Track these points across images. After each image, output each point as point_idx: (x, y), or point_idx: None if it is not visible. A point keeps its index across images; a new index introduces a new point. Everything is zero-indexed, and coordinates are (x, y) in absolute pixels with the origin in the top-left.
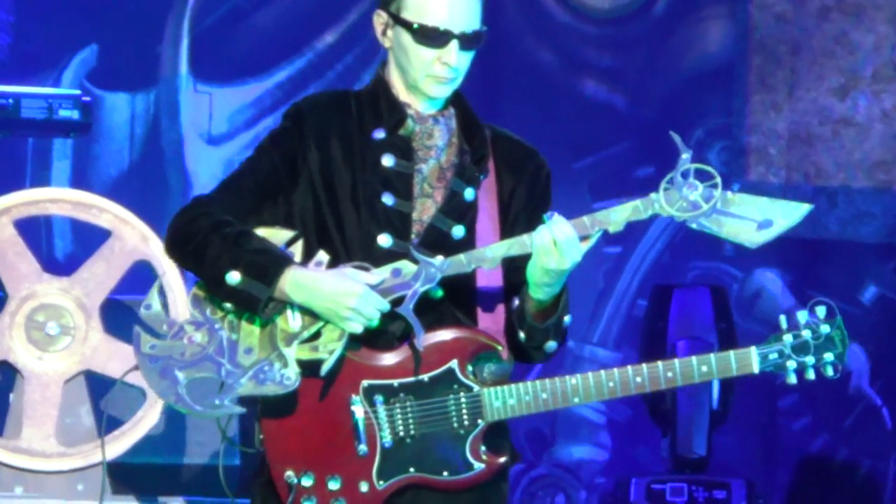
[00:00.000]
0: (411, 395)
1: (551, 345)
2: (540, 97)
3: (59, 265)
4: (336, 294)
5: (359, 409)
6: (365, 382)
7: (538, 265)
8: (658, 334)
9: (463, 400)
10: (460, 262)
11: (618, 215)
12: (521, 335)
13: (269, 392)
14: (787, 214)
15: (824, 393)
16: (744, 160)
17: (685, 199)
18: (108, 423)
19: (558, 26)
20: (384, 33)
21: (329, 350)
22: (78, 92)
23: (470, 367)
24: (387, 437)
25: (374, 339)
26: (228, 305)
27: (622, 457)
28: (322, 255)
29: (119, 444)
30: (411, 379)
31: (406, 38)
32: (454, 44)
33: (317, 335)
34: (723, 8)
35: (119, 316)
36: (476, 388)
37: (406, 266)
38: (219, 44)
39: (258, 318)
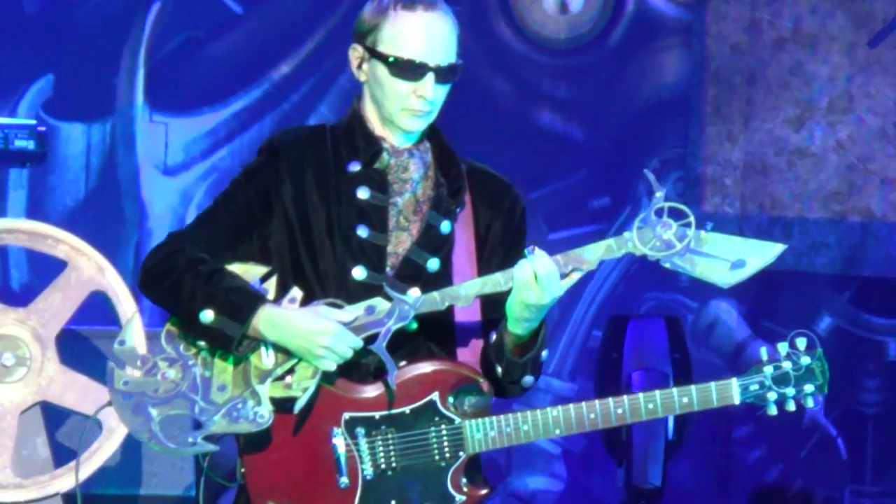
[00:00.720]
0: (392, 427)
1: (528, 379)
2: (496, 127)
3: (15, 296)
4: (310, 332)
5: (340, 442)
6: (346, 415)
7: (518, 300)
8: (613, 365)
9: (444, 432)
10: (434, 300)
11: (591, 254)
12: (499, 369)
13: (242, 430)
14: (760, 254)
15: (779, 423)
16: (699, 190)
17: (658, 238)
18: (63, 454)
19: (514, 56)
20: (360, 67)
21: (302, 388)
22: (33, 122)
23: (451, 400)
24: (368, 470)
25: (348, 372)
26: (202, 343)
27: (577, 487)
28: (295, 292)
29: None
30: (393, 411)
31: (382, 71)
32: (430, 77)
33: (290, 372)
34: (678, 38)
35: (75, 347)
36: (457, 420)
37: (380, 303)
38: (174, 74)
39: (232, 356)
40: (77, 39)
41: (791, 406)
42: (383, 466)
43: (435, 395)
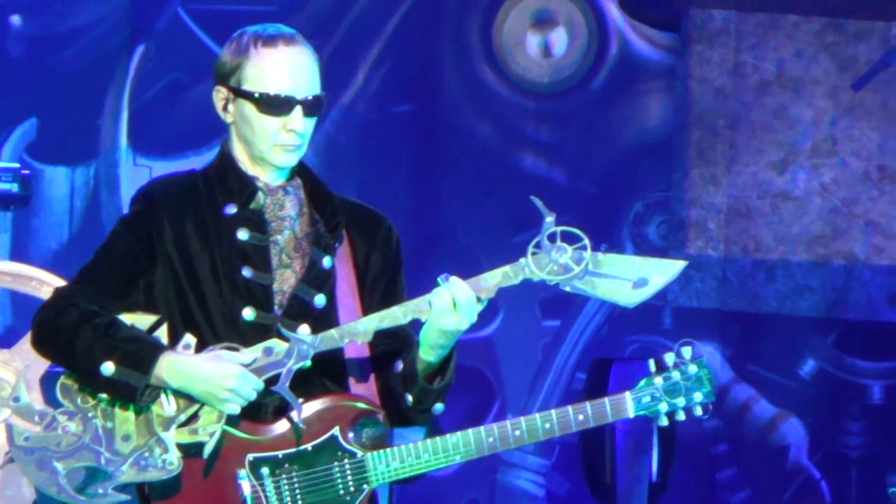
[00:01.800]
0: (296, 464)
1: (439, 406)
2: (479, 171)
3: None
4: (213, 377)
5: (245, 484)
6: (250, 456)
7: (436, 327)
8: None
9: (347, 466)
10: (332, 338)
11: (487, 282)
12: (409, 399)
13: (152, 478)
14: (662, 272)
15: (763, 466)
16: (683, 234)
17: (555, 262)
18: (47, 495)
19: (497, 100)
20: (225, 109)
21: (209, 432)
22: (17, 165)
23: (351, 434)
24: None
25: (251, 413)
26: (104, 395)
27: None
28: (189, 338)
29: None
30: (295, 449)
31: (249, 109)
32: (298, 110)
33: (194, 417)
34: (662, 82)
35: None
36: (359, 453)
37: (277, 344)
38: (158, 117)
39: (132, 405)
40: (61, 83)
41: (681, 416)
42: None
43: (336, 431)
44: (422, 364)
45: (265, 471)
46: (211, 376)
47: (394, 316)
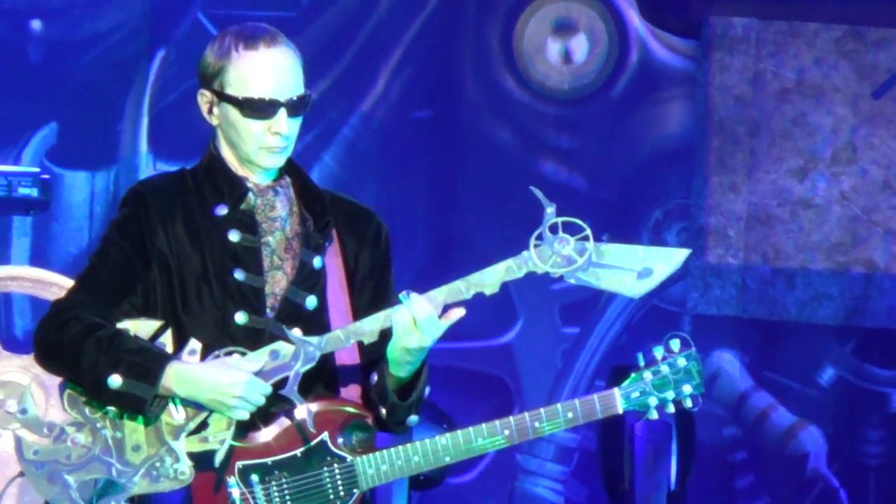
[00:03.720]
0: (286, 471)
1: (413, 419)
2: (499, 177)
3: (19, 343)
4: (222, 385)
5: (235, 492)
6: (239, 464)
7: (399, 345)
8: (616, 414)
9: (337, 471)
10: (338, 339)
11: (491, 277)
12: (383, 411)
13: (164, 488)
14: (666, 261)
15: (782, 474)
16: (703, 241)
17: (558, 254)
18: None
19: (517, 106)
20: (210, 112)
21: (220, 440)
22: (37, 170)
23: (340, 439)
24: None
25: (239, 420)
26: (112, 408)
27: None
28: (194, 344)
29: None
30: (284, 455)
31: (233, 113)
32: (282, 112)
33: (203, 425)
34: (682, 89)
35: None
36: (349, 457)
37: (283, 347)
38: (178, 123)
39: (140, 415)
40: (81, 87)
41: (670, 409)
42: None
43: (325, 436)
44: (391, 379)
45: (255, 478)
46: (219, 384)
47: None
